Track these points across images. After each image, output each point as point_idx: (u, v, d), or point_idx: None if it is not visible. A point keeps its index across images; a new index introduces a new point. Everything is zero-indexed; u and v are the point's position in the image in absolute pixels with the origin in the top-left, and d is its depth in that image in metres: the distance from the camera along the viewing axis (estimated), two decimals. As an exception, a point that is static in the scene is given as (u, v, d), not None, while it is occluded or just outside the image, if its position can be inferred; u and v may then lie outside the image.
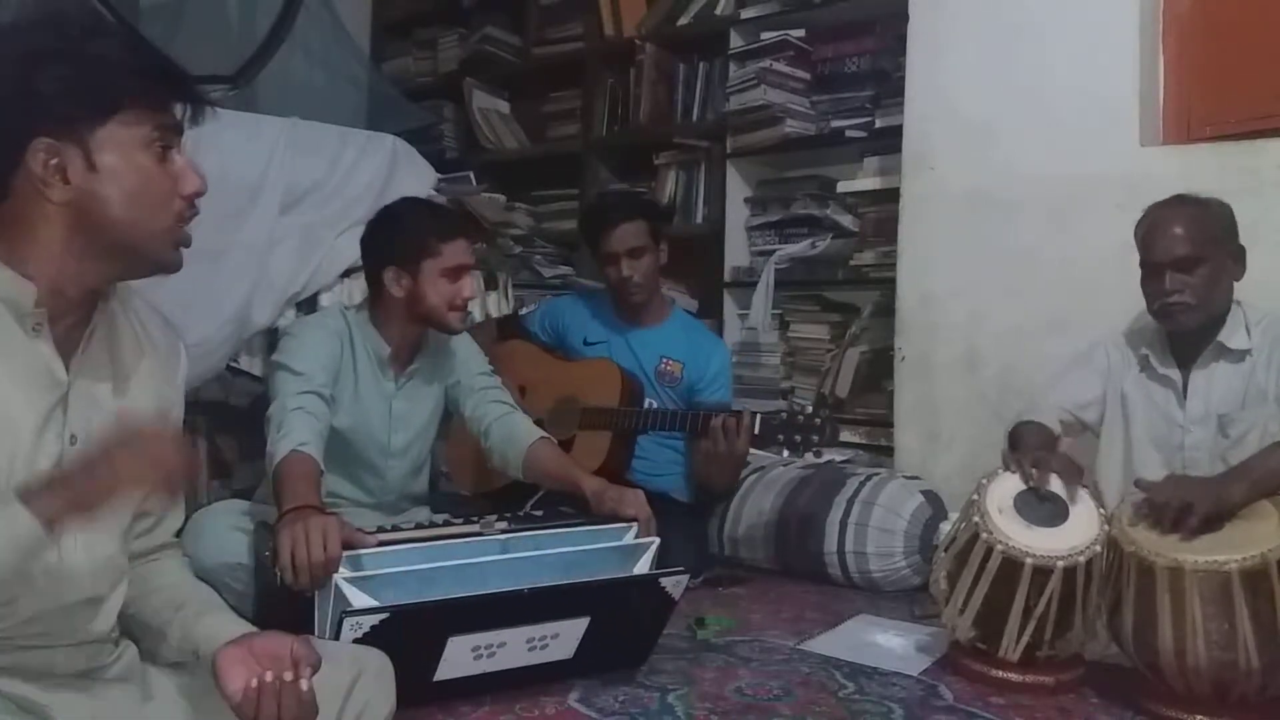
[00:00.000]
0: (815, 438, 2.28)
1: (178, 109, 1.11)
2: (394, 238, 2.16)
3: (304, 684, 1.07)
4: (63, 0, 1.11)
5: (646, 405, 2.73)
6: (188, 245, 1.13)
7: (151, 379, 1.20)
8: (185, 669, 1.22)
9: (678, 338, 2.83)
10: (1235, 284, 2.05)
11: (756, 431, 2.37)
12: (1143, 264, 2.05)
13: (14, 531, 0.96)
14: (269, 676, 1.06)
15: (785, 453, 2.65)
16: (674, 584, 1.85)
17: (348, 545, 1.68)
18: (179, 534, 1.33)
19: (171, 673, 1.23)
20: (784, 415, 2.33)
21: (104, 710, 1.12)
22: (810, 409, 2.36)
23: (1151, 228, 2.03)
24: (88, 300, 1.11)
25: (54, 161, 1.03)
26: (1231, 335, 2.03)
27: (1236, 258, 2.03)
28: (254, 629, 1.16)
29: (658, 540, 1.93)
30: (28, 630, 1.09)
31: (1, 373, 1.03)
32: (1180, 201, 2.02)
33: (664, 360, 2.79)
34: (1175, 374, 2.10)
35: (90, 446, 1.07)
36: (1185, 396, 2.08)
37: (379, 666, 1.32)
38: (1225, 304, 2.04)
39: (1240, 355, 2.03)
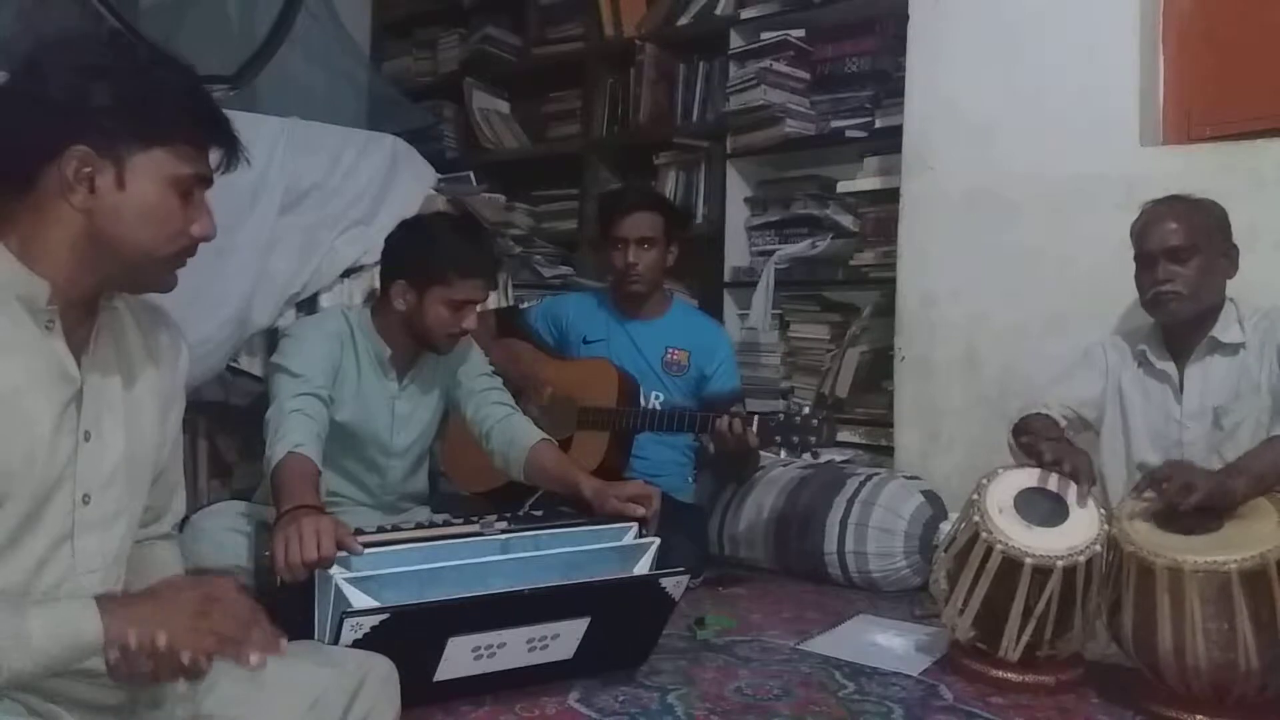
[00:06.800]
0: (813, 438, 2.28)
1: (214, 155, 1.14)
2: (414, 255, 2.12)
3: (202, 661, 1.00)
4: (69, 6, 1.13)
5: (649, 400, 2.74)
6: (182, 267, 1.17)
7: (156, 376, 1.22)
8: None
9: (681, 327, 2.84)
10: (1230, 282, 2.08)
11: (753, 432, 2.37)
12: (1137, 256, 2.10)
13: (77, 634, 0.97)
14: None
15: (784, 453, 2.65)
16: (674, 584, 1.85)
17: (340, 547, 1.68)
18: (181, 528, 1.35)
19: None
20: (782, 416, 2.33)
21: (113, 712, 1.12)
22: (808, 409, 2.35)
23: (1147, 221, 2.09)
24: (91, 300, 1.13)
25: (86, 170, 1.05)
26: (1225, 330, 2.07)
27: (1229, 256, 2.07)
28: None
29: (658, 540, 1.93)
30: None
31: (19, 368, 1.05)
32: (1175, 199, 2.09)
33: (670, 350, 2.80)
34: (1171, 368, 2.12)
35: (177, 590, 1.07)
36: (1181, 392, 2.10)
37: (384, 672, 1.32)
38: (1216, 299, 2.08)
39: (1234, 349, 2.07)
